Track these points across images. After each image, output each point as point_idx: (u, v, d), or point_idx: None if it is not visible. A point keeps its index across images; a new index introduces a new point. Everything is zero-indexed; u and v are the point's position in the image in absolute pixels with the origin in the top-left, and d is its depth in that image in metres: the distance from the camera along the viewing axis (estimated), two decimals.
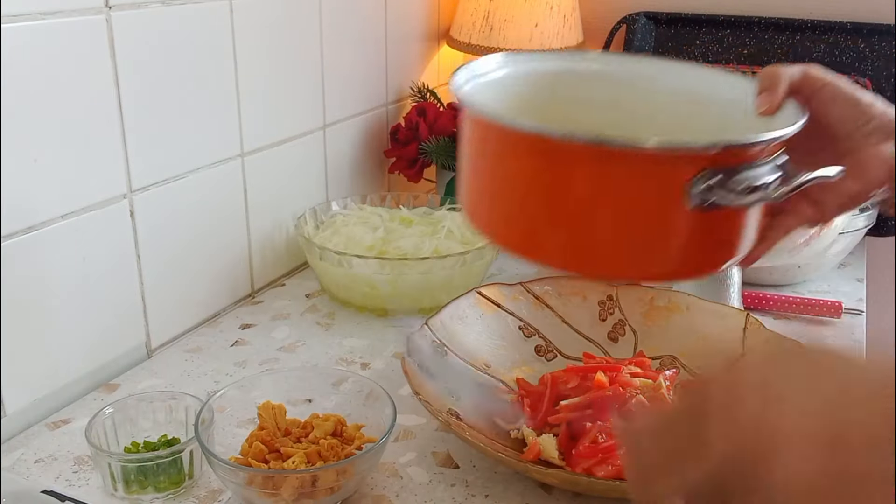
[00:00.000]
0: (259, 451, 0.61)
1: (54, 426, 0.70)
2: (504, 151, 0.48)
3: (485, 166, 0.50)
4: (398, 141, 1.15)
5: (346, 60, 1.07)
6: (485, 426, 0.67)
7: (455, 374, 0.72)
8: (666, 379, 0.68)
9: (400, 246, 0.92)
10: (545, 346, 0.79)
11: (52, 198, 0.69)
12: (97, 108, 0.72)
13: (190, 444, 0.62)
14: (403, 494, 0.62)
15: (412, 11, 1.22)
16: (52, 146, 0.68)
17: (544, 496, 0.63)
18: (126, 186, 0.76)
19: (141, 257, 0.79)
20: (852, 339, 0.88)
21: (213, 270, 0.90)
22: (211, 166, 0.86)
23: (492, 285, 0.81)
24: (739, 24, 1.20)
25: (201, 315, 0.89)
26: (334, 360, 0.82)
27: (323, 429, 0.63)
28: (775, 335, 0.74)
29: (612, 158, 0.44)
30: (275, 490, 0.57)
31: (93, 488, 0.63)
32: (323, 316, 0.92)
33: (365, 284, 0.89)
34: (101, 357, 0.77)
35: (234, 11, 0.85)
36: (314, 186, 1.05)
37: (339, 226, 0.98)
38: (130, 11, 0.73)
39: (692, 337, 0.78)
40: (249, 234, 0.95)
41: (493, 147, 0.49)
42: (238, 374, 0.79)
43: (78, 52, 0.69)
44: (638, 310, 0.81)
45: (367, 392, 0.67)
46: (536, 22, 1.21)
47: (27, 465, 0.65)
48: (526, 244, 0.49)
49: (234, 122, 0.89)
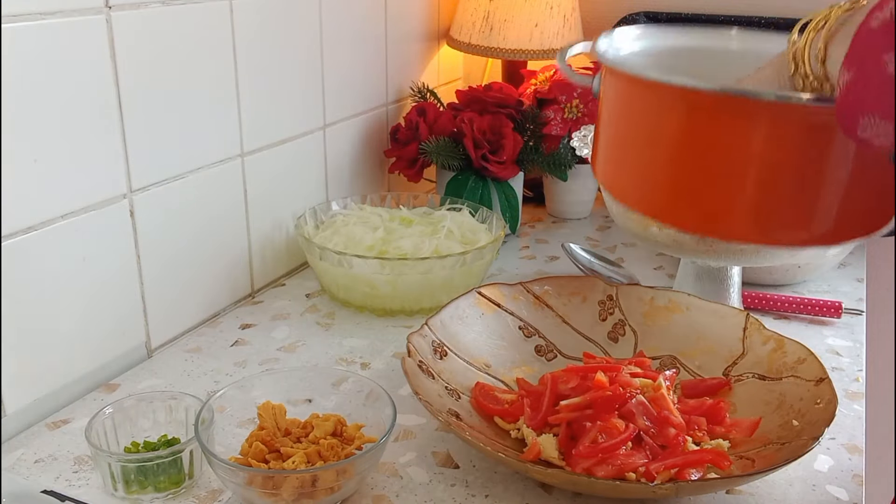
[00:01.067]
0: (259, 451, 0.61)
1: (54, 426, 0.70)
2: (664, 109, 0.48)
3: (638, 129, 0.49)
4: (398, 141, 1.15)
5: (346, 60, 1.07)
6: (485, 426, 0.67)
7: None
8: (666, 379, 0.68)
9: (400, 246, 0.92)
10: (545, 346, 0.79)
11: (52, 198, 0.69)
12: (97, 108, 0.72)
13: (190, 444, 0.62)
14: (403, 494, 0.62)
15: (412, 11, 1.22)
16: (52, 146, 0.68)
17: (544, 496, 0.63)
18: (126, 186, 0.76)
19: (141, 257, 0.79)
20: (852, 339, 0.88)
21: (213, 270, 0.90)
22: (211, 166, 0.86)
23: (492, 285, 0.81)
24: (739, 23, 1.20)
25: (201, 315, 0.89)
26: (334, 360, 0.82)
27: (323, 429, 0.63)
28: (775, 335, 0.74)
29: (789, 113, 0.44)
30: (275, 490, 0.57)
31: (93, 488, 0.63)
32: (323, 316, 0.92)
33: (365, 284, 0.89)
34: (101, 357, 0.77)
35: (234, 11, 0.85)
36: (314, 186, 1.05)
37: (339, 226, 0.98)
38: (130, 11, 0.73)
39: (692, 337, 0.78)
40: (249, 233, 0.95)
41: (647, 106, 0.49)
42: (238, 374, 0.79)
43: (78, 52, 0.69)
44: (638, 310, 0.81)
45: (367, 392, 0.67)
46: (536, 22, 1.21)
47: (27, 465, 0.65)
48: (677, 208, 0.49)
49: (234, 122, 0.89)
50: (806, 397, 0.66)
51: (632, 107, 0.50)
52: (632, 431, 0.62)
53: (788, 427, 0.65)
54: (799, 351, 0.71)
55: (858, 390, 0.78)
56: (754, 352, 0.74)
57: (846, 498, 0.63)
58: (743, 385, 0.72)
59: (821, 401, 0.65)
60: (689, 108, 0.47)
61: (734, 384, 0.73)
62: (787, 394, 0.68)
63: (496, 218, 0.99)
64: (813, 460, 0.67)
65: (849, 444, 0.70)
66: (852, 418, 0.73)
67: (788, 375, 0.70)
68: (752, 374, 0.73)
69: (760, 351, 0.74)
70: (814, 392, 0.66)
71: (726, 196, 0.47)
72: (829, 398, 0.64)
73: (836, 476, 0.66)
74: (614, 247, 1.15)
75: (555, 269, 1.07)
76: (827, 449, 0.69)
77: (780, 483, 0.65)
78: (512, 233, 1.15)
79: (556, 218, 1.27)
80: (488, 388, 0.71)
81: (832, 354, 0.85)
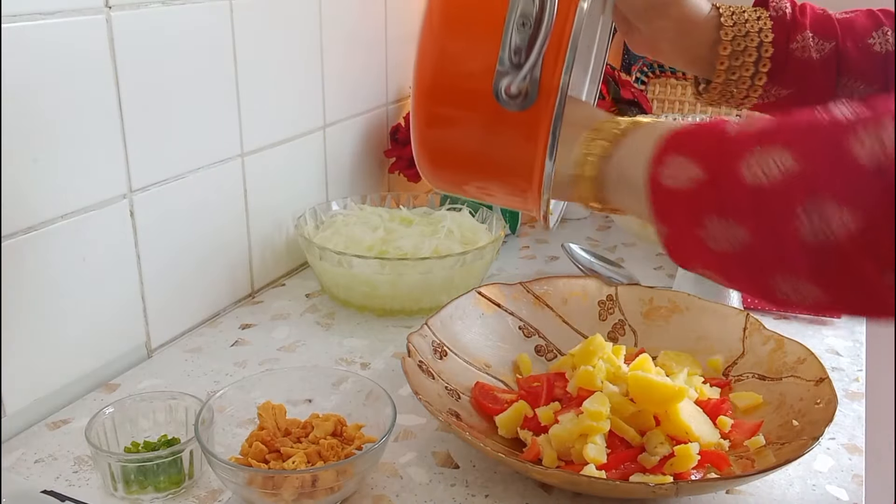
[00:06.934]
0: (259, 451, 0.61)
1: (54, 426, 0.70)
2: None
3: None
4: (398, 141, 1.15)
5: (346, 60, 1.07)
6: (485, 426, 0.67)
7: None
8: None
9: (400, 246, 0.92)
10: (545, 346, 0.79)
11: (52, 198, 0.69)
12: (97, 108, 0.72)
13: (190, 444, 0.62)
14: (403, 494, 0.62)
15: (412, 11, 1.22)
16: (52, 146, 0.68)
17: (544, 496, 0.63)
18: (126, 186, 0.76)
19: (141, 257, 0.79)
20: (852, 339, 0.88)
21: (213, 270, 0.90)
22: (211, 166, 0.86)
23: (492, 285, 0.81)
24: None
25: (201, 315, 0.89)
26: (334, 360, 0.82)
27: (323, 429, 0.63)
28: (775, 335, 0.74)
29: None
30: (275, 490, 0.57)
31: (93, 488, 0.63)
32: (323, 316, 0.92)
33: (365, 284, 0.89)
34: (101, 357, 0.77)
35: (234, 11, 0.85)
36: (314, 186, 1.05)
37: (339, 226, 0.98)
38: (130, 11, 0.73)
39: (692, 337, 0.78)
40: (249, 234, 0.95)
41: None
42: (238, 374, 0.79)
43: (78, 52, 0.69)
44: (638, 310, 0.81)
45: (367, 392, 0.67)
46: None
47: (27, 465, 0.65)
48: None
49: (234, 122, 0.89)
50: (806, 397, 0.66)
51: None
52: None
53: (788, 427, 0.65)
54: (799, 351, 0.71)
55: (858, 390, 0.78)
56: (754, 352, 0.74)
57: (846, 498, 0.63)
58: (743, 385, 0.72)
59: (821, 401, 0.65)
60: None
61: (734, 384, 0.73)
62: (787, 394, 0.68)
63: (496, 218, 0.99)
64: (813, 460, 0.67)
65: (849, 444, 0.70)
66: (852, 418, 0.73)
67: (788, 375, 0.70)
68: (752, 374, 0.73)
69: (760, 351, 0.74)
70: (814, 392, 0.66)
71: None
72: (829, 398, 0.64)
73: (836, 476, 0.66)
74: (614, 247, 1.15)
75: (555, 269, 1.07)
76: (827, 449, 0.69)
77: (780, 483, 0.65)
78: (512, 233, 1.15)
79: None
80: (488, 388, 0.71)
81: (832, 354, 0.84)
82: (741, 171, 0.40)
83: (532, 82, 0.47)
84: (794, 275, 0.40)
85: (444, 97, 0.50)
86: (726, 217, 0.42)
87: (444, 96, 0.50)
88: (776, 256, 0.40)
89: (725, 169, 0.42)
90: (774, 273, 0.41)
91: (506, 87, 0.48)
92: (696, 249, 0.44)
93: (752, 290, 0.44)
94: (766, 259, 0.41)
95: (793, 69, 0.67)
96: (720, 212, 0.42)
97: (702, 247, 0.44)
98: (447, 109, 0.51)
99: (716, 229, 0.42)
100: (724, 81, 0.68)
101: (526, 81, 0.47)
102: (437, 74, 0.50)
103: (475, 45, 0.49)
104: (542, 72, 0.47)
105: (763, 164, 0.40)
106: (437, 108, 0.51)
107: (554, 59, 0.47)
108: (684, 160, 0.44)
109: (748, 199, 0.40)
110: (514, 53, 0.47)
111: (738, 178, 0.41)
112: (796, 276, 0.40)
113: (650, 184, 0.46)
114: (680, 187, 0.44)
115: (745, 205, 0.41)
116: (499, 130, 0.49)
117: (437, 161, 0.53)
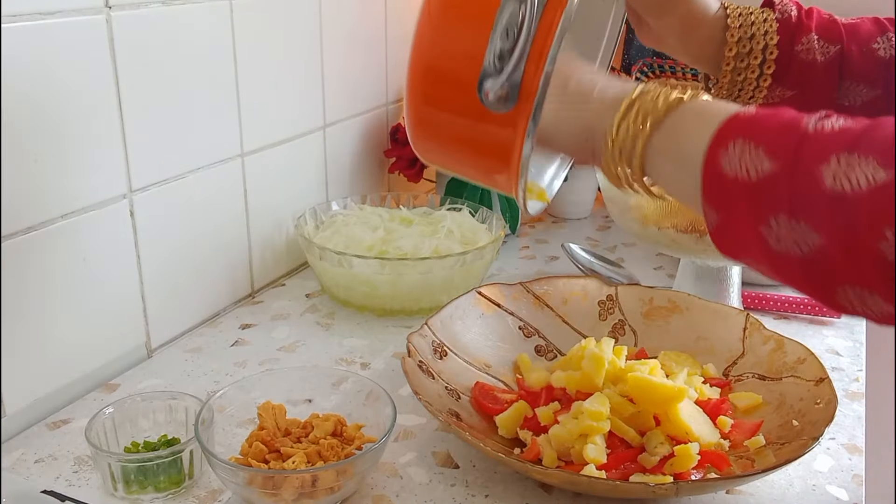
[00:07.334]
0: (259, 451, 0.61)
1: (54, 426, 0.70)
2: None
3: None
4: (398, 141, 1.15)
5: (346, 60, 1.07)
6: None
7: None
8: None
9: (400, 246, 0.92)
10: (545, 346, 0.79)
11: (52, 198, 0.69)
12: (97, 108, 0.72)
13: (190, 444, 0.62)
14: (403, 494, 0.62)
15: (412, 11, 1.22)
16: (52, 146, 0.68)
17: (544, 496, 0.63)
18: (126, 186, 0.76)
19: (141, 257, 0.79)
20: (852, 339, 0.88)
21: (213, 270, 0.90)
22: (211, 166, 0.86)
23: (492, 285, 0.81)
24: None
25: (201, 315, 0.89)
26: (334, 360, 0.82)
27: (323, 429, 0.63)
28: (775, 335, 0.74)
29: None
30: (275, 490, 0.57)
31: (93, 488, 0.63)
32: (323, 316, 0.92)
33: (365, 284, 0.89)
34: (101, 357, 0.77)
35: (234, 11, 0.85)
36: (314, 186, 1.05)
37: (339, 226, 0.98)
38: (130, 11, 0.73)
39: (692, 337, 0.78)
40: (249, 233, 0.95)
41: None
42: (238, 374, 0.79)
43: (78, 52, 0.69)
44: (638, 310, 0.81)
45: (367, 392, 0.67)
46: None
47: (27, 465, 0.65)
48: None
49: (234, 122, 0.89)
50: (806, 397, 0.66)
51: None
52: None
53: (788, 427, 0.65)
54: (799, 351, 0.71)
55: (858, 390, 0.78)
56: (754, 352, 0.74)
57: (846, 498, 0.63)
58: (743, 385, 0.72)
59: (821, 401, 0.65)
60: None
61: (734, 384, 0.73)
62: (787, 394, 0.68)
63: (496, 218, 0.99)
64: (813, 460, 0.67)
65: (849, 444, 0.70)
66: (852, 418, 0.73)
67: (788, 375, 0.70)
68: (752, 374, 0.73)
69: (760, 351, 0.74)
70: (814, 392, 0.66)
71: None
72: (829, 398, 0.64)
73: (836, 476, 0.66)
74: (614, 247, 1.15)
75: (555, 269, 1.07)
76: (827, 449, 0.69)
77: (780, 483, 0.65)
78: (512, 233, 1.15)
79: (556, 218, 1.27)
80: (488, 388, 0.71)
81: (832, 354, 0.84)
82: (821, 175, 0.38)
83: (512, 88, 0.48)
84: (867, 288, 0.38)
85: (435, 81, 0.52)
86: (798, 219, 0.39)
87: (436, 81, 0.52)
88: (850, 268, 0.38)
89: (803, 168, 0.39)
90: (844, 282, 0.39)
91: (488, 88, 0.49)
92: (752, 244, 0.42)
93: (811, 292, 0.42)
94: (836, 268, 0.39)
95: (796, 71, 0.67)
96: (791, 213, 0.40)
97: (761, 243, 0.41)
98: (438, 91, 0.52)
99: (782, 229, 0.40)
100: (730, 81, 0.68)
101: (505, 88, 0.48)
102: (432, 58, 0.52)
103: (467, 42, 0.50)
104: (523, 79, 0.48)
105: (848, 172, 0.38)
106: (429, 89, 0.52)
107: (535, 69, 0.48)
108: (753, 149, 0.41)
109: (827, 205, 0.38)
110: (497, 59, 0.48)
111: (817, 182, 0.38)
112: (869, 290, 0.38)
113: (706, 165, 0.43)
114: (743, 177, 0.41)
115: (821, 211, 0.38)
116: (483, 119, 0.51)
117: (424, 138, 0.55)
